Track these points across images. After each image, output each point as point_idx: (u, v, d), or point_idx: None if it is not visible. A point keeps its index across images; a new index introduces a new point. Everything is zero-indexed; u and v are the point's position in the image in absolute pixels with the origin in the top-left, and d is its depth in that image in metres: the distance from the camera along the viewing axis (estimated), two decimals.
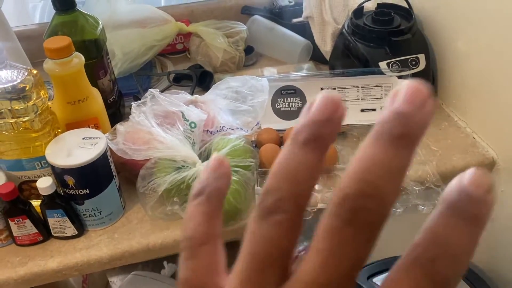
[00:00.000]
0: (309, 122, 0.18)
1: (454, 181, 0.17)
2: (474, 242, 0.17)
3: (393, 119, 0.17)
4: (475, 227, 0.17)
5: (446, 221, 0.17)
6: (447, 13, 0.82)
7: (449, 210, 0.17)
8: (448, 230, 0.17)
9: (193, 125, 0.68)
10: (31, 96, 0.58)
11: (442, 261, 0.16)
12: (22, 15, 1.12)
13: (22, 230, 0.63)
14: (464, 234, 0.17)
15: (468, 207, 0.16)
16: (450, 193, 0.17)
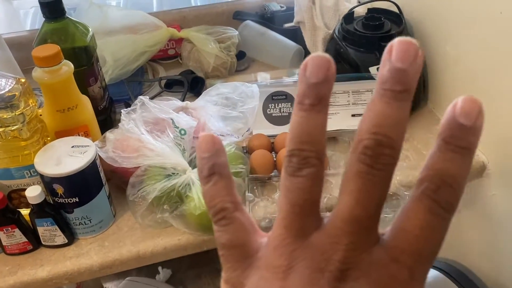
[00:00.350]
0: (310, 85, 0.22)
1: (447, 113, 0.21)
2: (468, 168, 0.21)
3: (393, 77, 0.21)
4: (468, 156, 0.21)
5: (443, 156, 0.21)
6: (436, 18, 0.82)
7: (445, 145, 0.21)
8: (446, 164, 0.21)
9: (183, 132, 0.67)
10: (19, 105, 0.58)
11: (444, 189, 0.21)
12: (13, 22, 1.11)
13: (11, 239, 0.62)
14: (458, 164, 0.21)
15: (460, 141, 0.20)
16: (444, 128, 0.21)
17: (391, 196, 0.71)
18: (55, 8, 0.70)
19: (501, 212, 0.77)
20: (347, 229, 0.21)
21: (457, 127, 0.20)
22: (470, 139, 0.21)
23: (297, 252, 0.22)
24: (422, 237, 0.22)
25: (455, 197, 0.21)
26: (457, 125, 0.20)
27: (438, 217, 0.22)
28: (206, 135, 0.25)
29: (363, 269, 0.21)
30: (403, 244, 0.22)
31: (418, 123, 0.85)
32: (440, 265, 0.87)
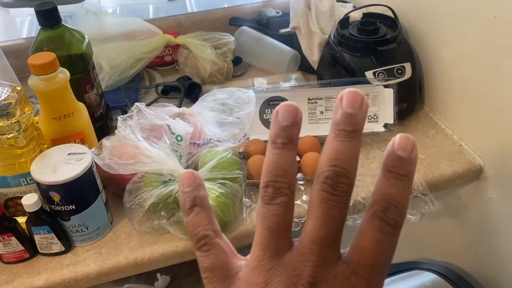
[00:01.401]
0: (282, 128, 0.26)
1: (388, 148, 0.25)
2: (408, 191, 0.26)
3: (344, 120, 0.25)
4: (407, 182, 0.25)
5: (387, 182, 0.25)
6: (431, 22, 0.83)
7: (388, 174, 0.25)
8: (390, 189, 0.25)
9: (179, 138, 0.67)
10: (15, 113, 0.58)
11: (390, 210, 0.25)
12: (10, 30, 1.11)
13: (7, 248, 0.62)
14: (400, 189, 0.25)
15: (399, 170, 0.25)
16: (386, 159, 0.26)
17: None
18: (51, 16, 0.70)
19: (498, 215, 0.77)
20: (314, 248, 0.25)
21: (397, 158, 0.25)
22: (407, 168, 0.25)
23: (273, 270, 0.26)
24: (375, 251, 0.26)
25: (400, 216, 0.26)
26: (396, 157, 0.25)
27: (387, 234, 0.26)
28: (186, 172, 0.28)
29: (329, 282, 0.25)
30: (360, 259, 0.26)
31: (414, 126, 0.85)
32: (438, 268, 0.87)
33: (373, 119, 0.81)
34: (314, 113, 0.81)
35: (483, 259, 0.83)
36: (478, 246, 0.84)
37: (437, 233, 0.95)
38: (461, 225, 0.87)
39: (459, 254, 0.89)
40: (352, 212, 0.69)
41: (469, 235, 0.85)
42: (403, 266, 0.91)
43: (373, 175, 0.74)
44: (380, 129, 0.81)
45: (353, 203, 0.70)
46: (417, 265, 0.90)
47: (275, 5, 1.10)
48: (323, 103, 0.81)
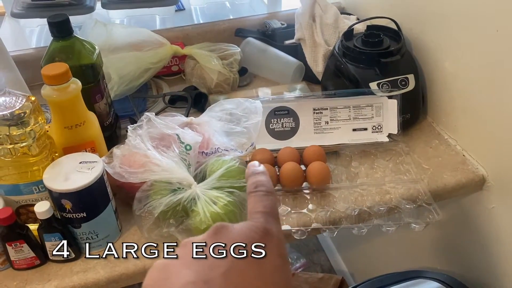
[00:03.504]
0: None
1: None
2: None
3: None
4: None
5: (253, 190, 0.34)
6: (434, 35, 0.84)
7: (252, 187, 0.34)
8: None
9: (188, 147, 0.69)
10: (29, 122, 0.59)
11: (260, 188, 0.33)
12: (19, 40, 1.13)
13: (19, 254, 0.63)
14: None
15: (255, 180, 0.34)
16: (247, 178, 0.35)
17: (393, 209, 0.72)
18: (63, 28, 0.72)
19: (501, 225, 0.78)
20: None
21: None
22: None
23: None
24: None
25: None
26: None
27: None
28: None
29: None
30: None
31: (418, 137, 0.87)
32: (442, 277, 0.88)
33: (377, 130, 0.83)
34: (319, 123, 0.82)
35: (486, 269, 0.84)
36: (481, 255, 0.85)
37: (440, 242, 0.96)
38: (464, 234, 0.88)
39: (462, 263, 0.90)
40: (357, 221, 0.70)
41: (472, 244, 0.86)
42: (407, 275, 0.92)
43: (377, 184, 0.75)
44: (384, 139, 0.82)
45: (358, 212, 0.71)
46: (420, 274, 0.91)
47: (280, 17, 1.12)
48: (328, 113, 0.82)
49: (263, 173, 0.35)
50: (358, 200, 0.73)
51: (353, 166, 0.79)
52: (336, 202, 0.72)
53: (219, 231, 0.30)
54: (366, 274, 1.06)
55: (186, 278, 0.26)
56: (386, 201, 0.73)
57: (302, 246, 1.72)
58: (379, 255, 1.28)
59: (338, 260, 1.61)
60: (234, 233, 0.29)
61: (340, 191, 0.74)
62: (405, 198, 0.73)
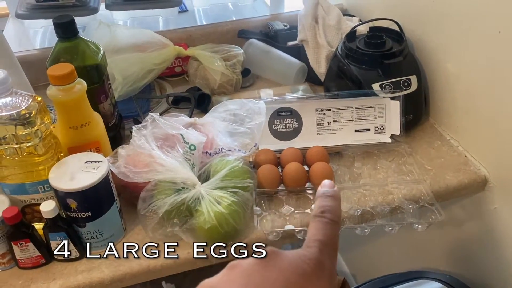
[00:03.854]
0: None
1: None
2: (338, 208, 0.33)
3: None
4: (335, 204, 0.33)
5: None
6: (436, 36, 0.85)
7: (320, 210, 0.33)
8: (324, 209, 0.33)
9: (192, 147, 0.69)
10: (35, 122, 0.60)
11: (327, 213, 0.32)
12: (23, 41, 1.14)
13: (24, 253, 0.64)
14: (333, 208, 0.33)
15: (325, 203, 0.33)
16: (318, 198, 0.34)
17: (395, 210, 0.72)
18: (69, 29, 0.73)
19: (503, 225, 0.78)
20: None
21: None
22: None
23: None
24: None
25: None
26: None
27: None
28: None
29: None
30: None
31: (420, 137, 0.87)
32: (444, 278, 0.88)
33: (380, 130, 0.83)
34: (322, 124, 0.83)
35: (488, 269, 0.84)
36: (483, 256, 0.85)
37: (443, 243, 0.96)
38: (466, 235, 0.88)
39: (464, 264, 0.90)
40: (360, 221, 0.70)
41: (474, 245, 0.87)
42: (409, 275, 0.92)
43: (380, 185, 0.76)
44: (387, 140, 0.82)
45: (361, 212, 0.71)
46: (422, 275, 0.91)
47: (283, 18, 1.13)
48: (331, 114, 0.83)
49: (334, 198, 0.33)
50: (361, 200, 0.73)
51: (356, 167, 0.80)
52: None
53: (270, 258, 0.28)
54: (368, 275, 1.06)
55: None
56: (389, 201, 0.73)
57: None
58: (381, 256, 1.28)
59: (340, 261, 1.61)
60: (285, 262, 0.28)
61: (343, 192, 0.74)
62: (408, 199, 0.73)
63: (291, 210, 0.72)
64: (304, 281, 0.27)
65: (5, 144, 0.60)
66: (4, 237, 0.63)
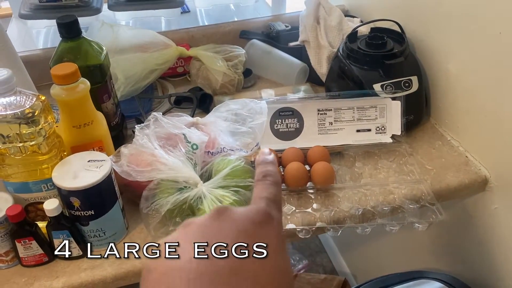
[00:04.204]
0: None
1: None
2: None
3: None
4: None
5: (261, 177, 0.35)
6: (437, 37, 0.85)
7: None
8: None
9: (194, 146, 0.70)
10: (39, 121, 0.60)
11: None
12: (26, 41, 1.15)
13: (28, 251, 0.64)
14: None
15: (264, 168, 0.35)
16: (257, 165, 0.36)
17: (396, 209, 0.73)
18: (72, 28, 0.73)
19: (503, 225, 0.78)
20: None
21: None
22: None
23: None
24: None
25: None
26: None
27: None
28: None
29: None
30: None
31: (421, 138, 0.88)
32: (445, 278, 0.88)
33: (381, 131, 0.83)
34: (324, 124, 0.83)
35: (488, 269, 0.85)
36: (483, 256, 0.85)
37: (443, 243, 0.97)
38: (467, 235, 0.88)
39: (465, 263, 0.91)
40: (361, 221, 0.71)
41: (474, 245, 0.87)
42: (410, 275, 0.92)
43: (381, 185, 0.76)
44: (388, 140, 0.83)
45: (362, 212, 0.72)
46: (423, 274, 0.91)
47: (284, 19, 1.13)
48: (332, 114, 0.83)
49: (272, 163, 0.36)
50: (362, 200, 0.74)
51: (357, 167, 0.80)
52: (340, 202, 0.73)
53: (221, 212, 0.30)
54: (369, 275, 1.07)
55: (192, 253, 0.27)
56: (390, 201, 0.73)
57: (304, 248, 1.73)
58: (382, 257, 1.28)
59: (341, 262, 1.61)
60: (236, 214, 0.30)
61: (344, 191, 0.75)
62: (409, 198, 0.73)
63: (292, 209, 0.72)
64: (255, 228, 0.29)
65: (9, 142, 0.60)
66: (7, 235, 0.63)
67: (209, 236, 0.28)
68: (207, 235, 0.28)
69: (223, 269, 0.26)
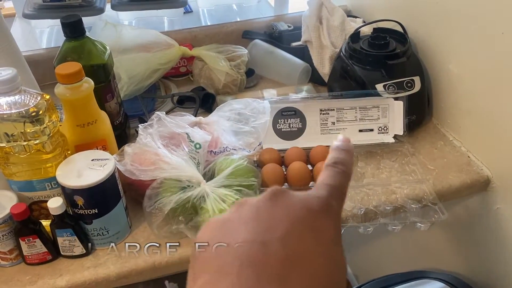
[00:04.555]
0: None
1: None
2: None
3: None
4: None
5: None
6: (439, 38, 0.85)
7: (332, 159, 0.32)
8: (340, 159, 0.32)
9: (197, 146, 0.70)
10: (44, 120, 0.61)
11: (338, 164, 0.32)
12: (30, 40, 1.15)
13: (32, 249, 0.64)
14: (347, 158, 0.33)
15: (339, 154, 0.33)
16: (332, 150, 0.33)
17: (398, 209, 0.73)
18: (76, 28, 0.74)
19: (505, 226, 0.78)
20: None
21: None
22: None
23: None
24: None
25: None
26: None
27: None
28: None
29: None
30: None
31: (423, 138, 0.88)
32: (447, 278, 0.89)
33: (383, 131, 0.84)
34: (326, 123, 0.84)
35: (490, 269, 0.85)
36: (485, 256, 0.85)
37: (445, 243, 0.97)
38: (469, 235, 0.88)
39: (467, 263, 0.91)
40: (364, 220, 0.71)
41: (476, 245, 0.87)
42: (412, 275, 0.92)
43: (383, 184, 0.76)
44: (390, 140, 0.83)
45: (365, 211, 0.72)
46: (425, 274, 0.92)
47: (287, 19, 1.14)
48: (335, 114, 0.84)
49: (349, 152, 0.33)
50: (364, 199, 0.74)
51: (359, 166, 0.80)
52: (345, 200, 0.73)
53: (277, 196, 0.28)
54: (370, 275, 1.07)
55: (244, 236, 0.26)
56: (392, 200, 0.74)
57: None
58: (383, 257, 1.29)
59: None
60: (293, 199, 0.28)
61: (349, 189, 0.75)
62: (411, 198, 0.74)
63: None
64: (312, 216, 0.27)
65: (14, 141, 0.60)
66: (11, 233, 0.63)
67: (262, 219, 0.27)
68: (261, 218, 0.27)
69: (275, 257, 0.25)
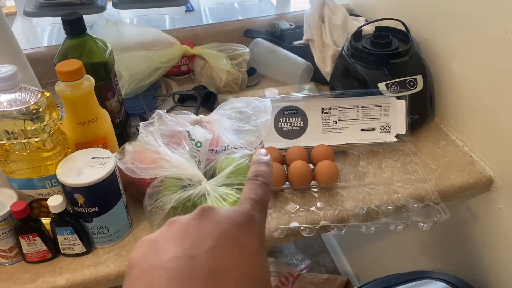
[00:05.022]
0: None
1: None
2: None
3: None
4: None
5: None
6: (442, 37, 0.85)
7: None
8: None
9: (198, 144, 0.70)
10: (44, 117, 0.60)
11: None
12: (31, 38, 1.15)
13: (32, 247, 0.64)
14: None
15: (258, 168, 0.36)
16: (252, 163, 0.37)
17: (400, 209, 0.72)
18: (77, 26, 0.73)
19: (508, 226, 0.78)
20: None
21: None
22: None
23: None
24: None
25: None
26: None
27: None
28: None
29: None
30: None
31: (425, 137, 0.87)
32: (448, 278, 0.88)
33: (385, 130, 0.83)
34: (328, 122, 0.83)
35: (492, 269, 0.84)
36: (487, 256, 0.85)
37: (447, 243, 0.96)
38: (471, 235, 0.88)
39: (469, 264, 0.90)
40: (365, 220, 0.71)
41: (478, 245, 0.86)
42: (413, 275, 0.92)
43: (385, 184, 0.76)
44: (392, 139, 0.83)
45: (367, 211, 0.71)
46: (426, 275, 0.91)
47: (289, 18, 1.13)
48: (337, 113, 0.83)
49: (267, 164, 0.36)
50: (366, 199, 0.74)
51: (361, 166, 0.80)
52: (344, 201, 0.73)
53: (205, 212, 0.30)
54: (371, 275, 1.06)
55: (173, 253, 0.28)
56: (394, 200, 0.73)
57: (307, 247, 1.73)
58: (384, 257, 1.28)
59: (343, 262, 1.61)
60: (220, 215, 0.30)
61: (348, 190, 0.75)
62: (413, 198, 0.73)
63: (296, 207, 0.72)
64: (237, 230, 0.30)
65: (14, 138, 0.60)
66: (11, 231, 0.63)
67: (190, 235, 0.29)
68: (189, 235, 0.29)
69: (202, 269, 0.27)
